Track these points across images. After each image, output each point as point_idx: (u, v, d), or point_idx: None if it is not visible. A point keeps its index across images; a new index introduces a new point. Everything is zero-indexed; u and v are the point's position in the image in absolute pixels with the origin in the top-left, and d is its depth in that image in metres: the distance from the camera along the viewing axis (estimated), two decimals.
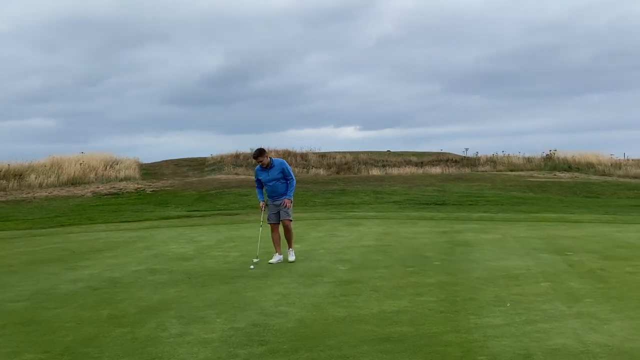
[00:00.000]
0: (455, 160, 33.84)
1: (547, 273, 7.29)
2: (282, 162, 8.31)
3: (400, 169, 30.38)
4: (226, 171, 31.44)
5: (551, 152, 32.20)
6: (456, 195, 19.11)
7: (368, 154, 35.97)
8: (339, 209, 17.06)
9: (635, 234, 11.00)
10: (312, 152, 36.30)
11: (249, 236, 11.38)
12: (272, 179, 8.19)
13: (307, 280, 6.97)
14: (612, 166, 27.77)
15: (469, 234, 11.16)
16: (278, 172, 8.17)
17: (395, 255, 8.77)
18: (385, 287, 6.54)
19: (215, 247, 10.06)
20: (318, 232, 11.70)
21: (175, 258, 8.87)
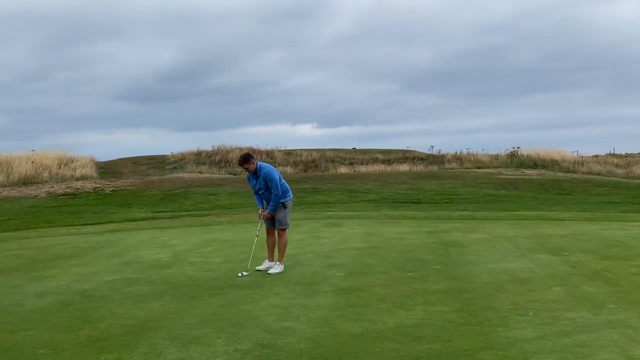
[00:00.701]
0: (421, 158, 33.85)
1: (553, 276, 6.94)
2: (268, 171, 7.36)
3: (368, 167, 30.08)
4: (189, 169, 30.39)
5: (515, 149, 32.64)
6: (430, 193, 18.86)
7: (334, 152, 35.58)
8: (314, 208, 16.50)
9: (620, 231, 10.90)
10: (278, 150, 35.66)
11: (226, 239, 10.69)
12: (260, 187, 7.49)
13: (304, 289, 6.37)
14: (576, 163, 28.27)
15: (456, 234, 10.81)
16: (262, 182, 7.39)
17: (389, 258, 8.28)
18: (392, 295, 6.03)
19: (192, 252, 9.32)
20: (299, 234, 11.10)
21: (151, 265, 8.10)
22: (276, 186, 7.32)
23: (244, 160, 7.32)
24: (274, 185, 7.33)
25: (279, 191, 7.36)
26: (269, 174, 7.31)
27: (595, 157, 29.57)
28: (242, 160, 7.36)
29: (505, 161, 28.71)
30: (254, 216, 14.58)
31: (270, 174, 7.32)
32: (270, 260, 7.67)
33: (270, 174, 7.31)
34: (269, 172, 7.33)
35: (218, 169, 30.66)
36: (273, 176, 7.32)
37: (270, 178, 7.30)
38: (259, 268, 7.55)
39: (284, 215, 7.54)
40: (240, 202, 18.49)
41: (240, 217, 14.52)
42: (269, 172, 7.33)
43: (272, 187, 7.35)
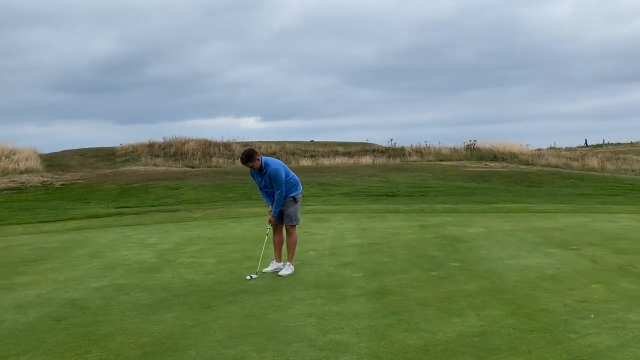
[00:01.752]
0: (381, 151, 33.61)
1: (582, 272, 6.59)
2: (274, 169, 6.59)
3: (330, 159, 29.54)
4: (143, 162, 28.84)
5: (471, 142, 32.99)
6: (404, 186, 18.52)
7: (294, 144, 34.82)
8: None
9: (611, 223, 10.81)
10: (235, 142, 34.54)
11: (208, 237, 9.85)
12: (266, 185, 6.75)
13: (329, 293, 5.71)
14: (534, 156, 28.80)
15: (452, 228, 10.40)
16: (268, 180, 6.66)
17: (399, 256, 7.73)
18: (430, 299, 5.47)
19: (178, 251, 8.44)
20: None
21: (138, 268, 7.20)
22: (281, 185, 6.61)
23: (248, 158, 6.53)
24: (278, 184, 6.60)
25: (283, 192, 6.65)
26: (275, 173, 6.57)
27: (550, 149, 30.22)
28: (245, 158, 6.56)
29: (465, 154, 28.90)
30: (230, 211, 13.75)
31: (276, 173, 6.58)
32: (277, 260, 6.94)
33: (276, 173, 6.58)
34: (275, 172, 6.58)
35: (174, 161, 29.28)
36: (279, 175, 6.59)
37: (276, 177, 6.58)
38: (266, 270, 6.82)
39: (295, 211, 6.83)
40: (207, 196, 17.51)
41: (214, 213, 13.61)
42: (275, 172, 6.58)
43: (276, 187, 6.62)
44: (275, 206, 6.70)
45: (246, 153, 6.54)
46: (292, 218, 6.80)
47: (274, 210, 6.72)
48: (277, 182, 6.57)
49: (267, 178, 6.61)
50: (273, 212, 6.75)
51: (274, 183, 6.58)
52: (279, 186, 6.59)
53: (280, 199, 6.64)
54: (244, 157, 6.54)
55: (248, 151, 6.57)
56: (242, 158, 6.56)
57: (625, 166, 27.52)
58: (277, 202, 6.66)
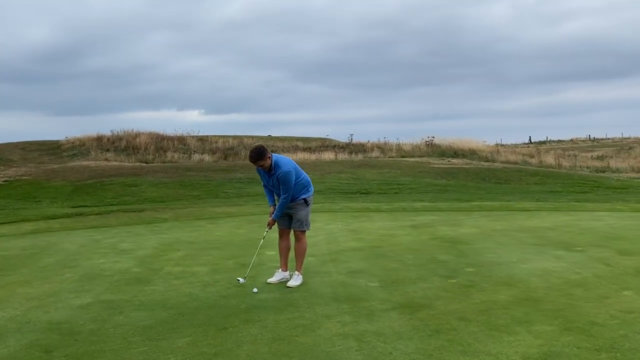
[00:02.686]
0: (341, 147, 33.24)
1: (602, 277, 6.30)
2: (285, 172, 5.88)
3: (291, 155, 28.80)
4: (93, 157, 27.22)
5: (429, 138, 33.13)
6: (375, 183, 18.13)
7: (252, 139, 33.90)
8: (259, 200, 15.01)
9: (597, 222, 10.74)
10: (190, 136, 33.29)
11: (189, 241, 9.04)
12: (274, 185, 6.07)
13: (354, 308, 5.12)
14: (493, 153, 29.15)
15: (443, 228, 10.03)
16: (276, 182, 5.98)
17: (407, 261, 7.24)
18: (466, 312, 4.98)
19: (160, 258, 7.62)
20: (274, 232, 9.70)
21: (123, 280, 6.36)
22: (289, 190, 5.94)
23: (259, 156, 5.81)
24: (286, 189, 5.92)
25: (289, 197, 5.98)
26: (284, 177, 5.87)
27: (511, 146, 30.69)
28: (255, 155, 5.81)
29: (427, 151, 28.90)
30: (202, 211, 12.89)
31: (286, 177, 5.88)
32: (284, 269, 6.28)
33: (286, 177, 5.88)
34: (285, 175, 5.88)
35: (126, 156, 27.78)
36: (289, 179, 5.90)
37: (285, 181, 5.89)
38: (271, 281, 6.14)
39: (306, 215, 6.18)
40: (169, 194, 16.50)
41: (185, 213, 12.72)
42: (285, 175, 5.88)
43: (283, 190, 5.93)
44: (278, 210, 6.04)
45: (257, 151, 5.82)
46: (303, 223, 6.15)
47: (276, 213, 6.05)
48: (286, 186, 5.90)
49: (275, 179, 5.93)
50: (274, 215, 6.07)
51: (282, 187, 5.91)
52: (286, 190, 5.92)
53: (285, 203, 5.99)
54: (255, 155, 5.81)
55: (259, 148, 5.84)
56: (253, 156, 5.83)
57: (580, 163, 28.28)
58: (280, 206, 6.01)
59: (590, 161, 30.67)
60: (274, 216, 6.08)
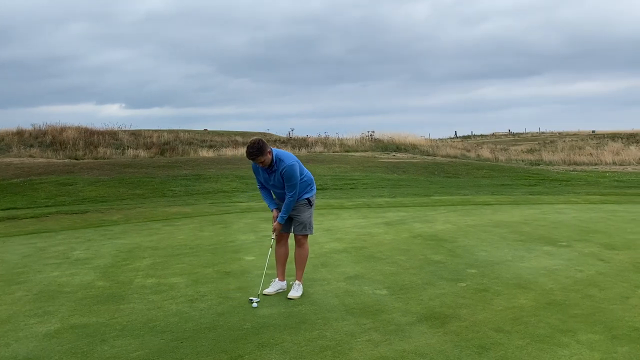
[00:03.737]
0: (283, 141, 32.58)
1: (606, 274, 6.14)
2: (290, 165, 5.20)
3: (233, 150, 27.82)
4: (15, 153, 24.93)
5: (370, 133, 33.15)
6: (328, 179, 17.63)
7: (189, 133, 32.50)
8: (211, 198, 14.11)
9: (562, 215, 10.78)
10: (122, 130, 31.41)
11: (152, 246, 8.13)
12: (275, 184, 5.36)
13: (376, 323, 4.56)
14: (432, 147, 29.50)
15: (417, 225, 9.67)
16: (279, 179, 5.27)
17: (401, 263, 6.76)
18: (498, 322, 4.56)
19: (125, 268, 6.71)
20: (244, 234, 8.97)
21: (91, 298, 5.44)
22: (295, 186, 5.26)
23: (259, 152, 5.06)
24: (292, 185, 5.24)
25: (296, 194, 5.31)
26: (290, 171, 5.19)
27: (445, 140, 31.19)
28: (255, 151, 5.05)
29: (370, 145, 28.80)
30: (153, 212, 11.85)
31: (292, 171, 5.20)
32: (281, 279, 5.60)
33: (292, 171, 5.20)
34: (291, 169, 5.19)
35: (53, 152, 25.67)
36: (295, 173, 5.23)
37: (291, 176, 5.20)
38: (267, 292, 5.46)
39: (309, 216, 5.52)
40: (110, 193, 15.19)
41: (135, 214, 11.62)
42: (291, 169, 5.19)
43: (289, 188, 5.25)
44: (284, 211, 5.34)
45: (257, 145, 5.07)
46: (306, 226, 5.48)
47: (282, 216, 5.36)
48: (292, 181, 5.22)
49: (278, 176, 5.22)
50: (279, 219, 5.38)
51: (287, 183, 5.22)
52: (293, 187, 5.24)
53: (292, 202, 5.30)
54: (254, 150, 5.06)
55: (258, 143, 5.09)
56: (252, 152, 5.07)
57: (515, 157, 29.19)
58: (287, 206, 5.31)
59: (521, 154, 31.77)
60: (279, 220, 5.38)
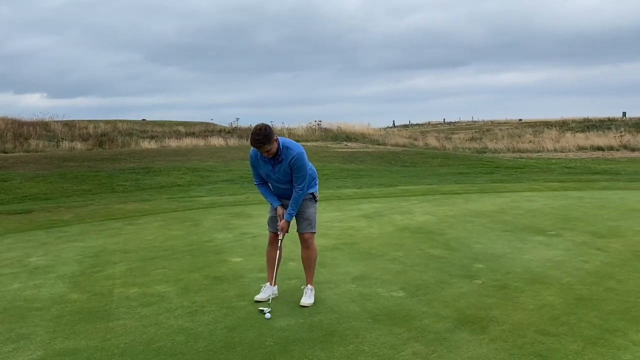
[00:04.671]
0: (228, 131, 31.54)
1: (613, 264, 6.04)
2: (299, 154, 4.62)
3: (177, 141, 26.59)
4: None
5: (317, 122, 32.76)
6: None
7: (127, 123, 30.82)
8: (167, 193, 13.21)
9: (532, 203, 10.80)
10: (55, 120, 29.34)
11: (118, 249, 7.33)
12: (279, 178, 4.75)
13: (410, 332, 4.13)
14: (381, 136, 29.50)
15: (397, 217, 9.35)
16: (286, 170, 4.66)
17: (402, 260, 6.39)
18: (539, 324, 4.27)
19: (97, 276, 5.93)
20: (219, 232, 8.30)
21: (69, 314, 4.69)
22: (304, 178, 4.70)
23: (266, 139, 4.43)
24: (301, 177, 4.67)
25: (305, 187, 4.76)
26: (300, 160, 4.62)
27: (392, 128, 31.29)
28: (262, 138, 4.41)
29: (321, 135, 28.37)
30: (108, 209, 10.89)
31: (302, 160, 4.63)
32: (272, 283, 5.02)
33: (302, 161, 4.64)
34: (301, 158, 4.62)
35: None
36: (305, 163, 4.67)
37: (301, 166, 4.64)
38: (259, 298, 4.90)
39: (315, 213, 4.99)
40: (53, 189, 13.93)
41: (89, 212, 10.60)
42: (301, 158, 4.62)
43: (297, 180, 4.68)
44: (292, 207, 4.77)
45: (264, 132, 4.43)
46: (313, 223, 4.94)
47: (290, 212, 4.79)
48: (301, 172, 4.65)
49: (285, 167, 4.63)
50: (287, 216, 4.80)
51: (296, 175, 4.65)
52: (302, 179, 4.68)
53: (301, 196, 4.74)
54: (261, 137, 4.41)
55: (265, 129, 4.44)
56: (258, 139, 4.42)
57: (460, 145, 29.69)
58: (295, 201, 4.75)
59: (466, 143, 32.41)
60: (286, 217, 4.80)
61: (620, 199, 11.30)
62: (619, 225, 8.28)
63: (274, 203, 4.91)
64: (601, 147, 27.47)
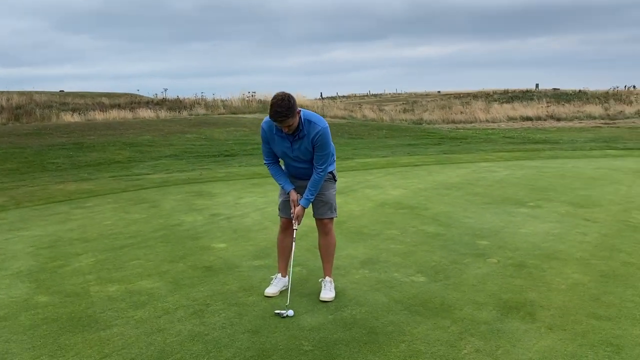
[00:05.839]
0: (156, 103, 29.79)
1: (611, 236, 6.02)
2: (323, 129, 3.93)
3: (104, 114, 24.69)
4: None
5: (251, 93, 31.70)
6: (231, 144, 16.18)
7: (45, 95, 28.28)
8: (107, 171, 12.05)
9: (494, 173, 10.79)
10: None
11: (77, 237, 6.46)
12: (298, 156, 4.08)
13: (457, 322, 3.74)
14: (321, 107, 28.98)
15: (371, 192, 8.97)
16: (308, 148, 3.99)
17: (399, 238, 6.00)
18: (585, 306, 4.03)
19: (62, 272, 5.08)
20: (185, 214, 7.53)
21: (46, 323, 3.89)
22: (327, 157, 4.06)
23: (290, 111, 3.74)
24: (324, 155, 4.02)
25: (327, 167, 4.12)
26: (325, 136, 3.97)
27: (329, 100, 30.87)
28: (285, 110, 3.72)
29: (258, 107, 27.37)
30: (47, 190, 9.71)
31: (327, 136, 3.99)
32: (284, 275, 4.47)
33: (327, 138, 3.99)
34: (325, 135, 3.97)
35: None
36: (329, 141, 4.03)
37: (326, 143, 3.99)
38: (270, 292, 4.33)
39: (334, 194, 4.41)
40: None
41: (24, 194, 9.36)
42: (325, 135, 3.97)
43: (319, 158, 4.02)
44: (310, 191, 4.13)
45: (287, 103, 3.72)
46: (333, 206, 4.36)
47: (307, 198, 4.16)
48: (326, 150, 4.04)
49: (307, 145, 3.99)
50: (304, 202, 4.18)
51: (319, 153, 4.02)
52: (325, 158, 4.06)
53: (321, 179, 4.13)
54: (283, 109, 3.71)
55: (288, 99, 3.74)
56: (280, 111, 3.71)
57: (396, 117, 29.82)
58: (315, 184, 4.12)
59: (400, 114, 32.62)
60: (303, 203, 4.18)
61: (574, 167, 11.56)
62: (590, 195, 8.35)
63: (286, 186, 4.26)
64: (530, 117, 28.52)
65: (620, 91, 39.22)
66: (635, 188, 8.95)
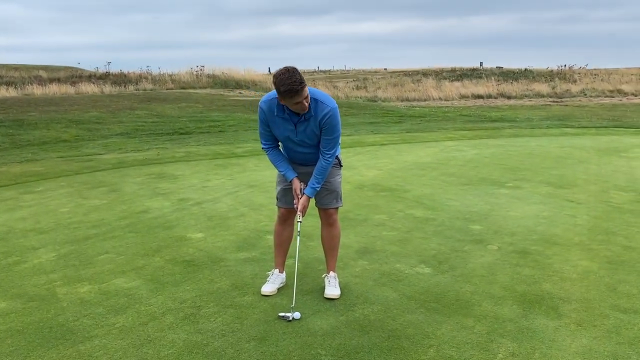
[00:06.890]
0: (100, 77, 28.19)
1: (603, 218, 5.92)
2: (333, 109, 3.50)
3: (42, 88, 23.05)
4: None
5: (199, 67, 30.53)
6: (185, 121, 15.37)
7: None
8: (54, 151, 11.11)
9: (462, 153, 10.69)
10: None
11: (31, 228, 5.81)
12: (303, 141, 3.63)
13: (482, 321, 3.46)
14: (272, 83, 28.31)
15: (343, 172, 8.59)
16: (315, 131, 3.55)
17: (390, 224, 5.69)
18: (604, 297, 3.84)
19: (22, 271, 4.46)
20: (150, 199, 6.92)
21: (13, 334, 3.33)
22: (335, 141, 3.63)
23: (300, 86, 3.25)
24: (333, 139, 3.59)
25: (335, 153, 3.68)
26: (334, 119, 3.53)
27: None
28: (296, 86, 3.23)
29: (209, 81, 26.32)
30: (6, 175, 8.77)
31: (335, 118, 3.54)
32: (281, 270, 4.06)
33: (336, 120, 3.55)
34: (335, 116, 3.52)
35: None
36: (338, 123, 3.58)
37: (333, 127, 3.55)
38: (266, 291, 3.90)
39: (340, 182, 3.99)
40: None
41: None
42: (335, 116, 3.52)
43: (327, 143, 3.59)
44: (316, 179, 3.68)
45: (298, 77, 3.23)
46: (338, 195, 3.94)
47: (313, 187, 3.72)
48: (334, 134, 3.60)
49: (314, 127, 3.54)
50: (309, 191, 3.74)
51: (327, 137, 3.58)
52: (333, 143, 3.62)
53: (328, 166, 3.69)
54: (294, 85, 3.23)
55: (297, 73, 3.27)
56: (292, 88, 3.23)
57: (350, 94, 29.52)
58: (322, 171, 3.68)
59: (354, 92, 32.34)
60: (308, 192, 3.73)
61: (538, 146, 11.62)
62: (564, 174, 8.34)
63: (288, 174, 3.78)
64: (481, 95, 28.89)
65: (564, 70, 40.42)
66: (604, 167, 9.01)
